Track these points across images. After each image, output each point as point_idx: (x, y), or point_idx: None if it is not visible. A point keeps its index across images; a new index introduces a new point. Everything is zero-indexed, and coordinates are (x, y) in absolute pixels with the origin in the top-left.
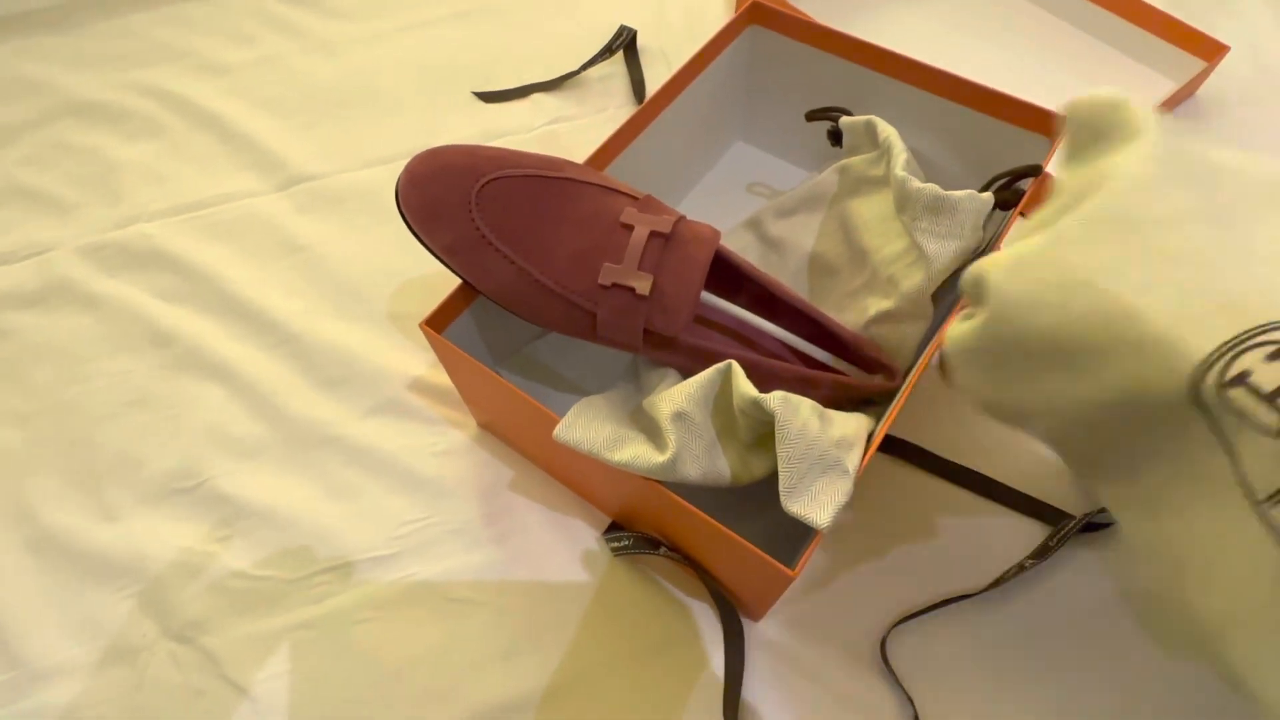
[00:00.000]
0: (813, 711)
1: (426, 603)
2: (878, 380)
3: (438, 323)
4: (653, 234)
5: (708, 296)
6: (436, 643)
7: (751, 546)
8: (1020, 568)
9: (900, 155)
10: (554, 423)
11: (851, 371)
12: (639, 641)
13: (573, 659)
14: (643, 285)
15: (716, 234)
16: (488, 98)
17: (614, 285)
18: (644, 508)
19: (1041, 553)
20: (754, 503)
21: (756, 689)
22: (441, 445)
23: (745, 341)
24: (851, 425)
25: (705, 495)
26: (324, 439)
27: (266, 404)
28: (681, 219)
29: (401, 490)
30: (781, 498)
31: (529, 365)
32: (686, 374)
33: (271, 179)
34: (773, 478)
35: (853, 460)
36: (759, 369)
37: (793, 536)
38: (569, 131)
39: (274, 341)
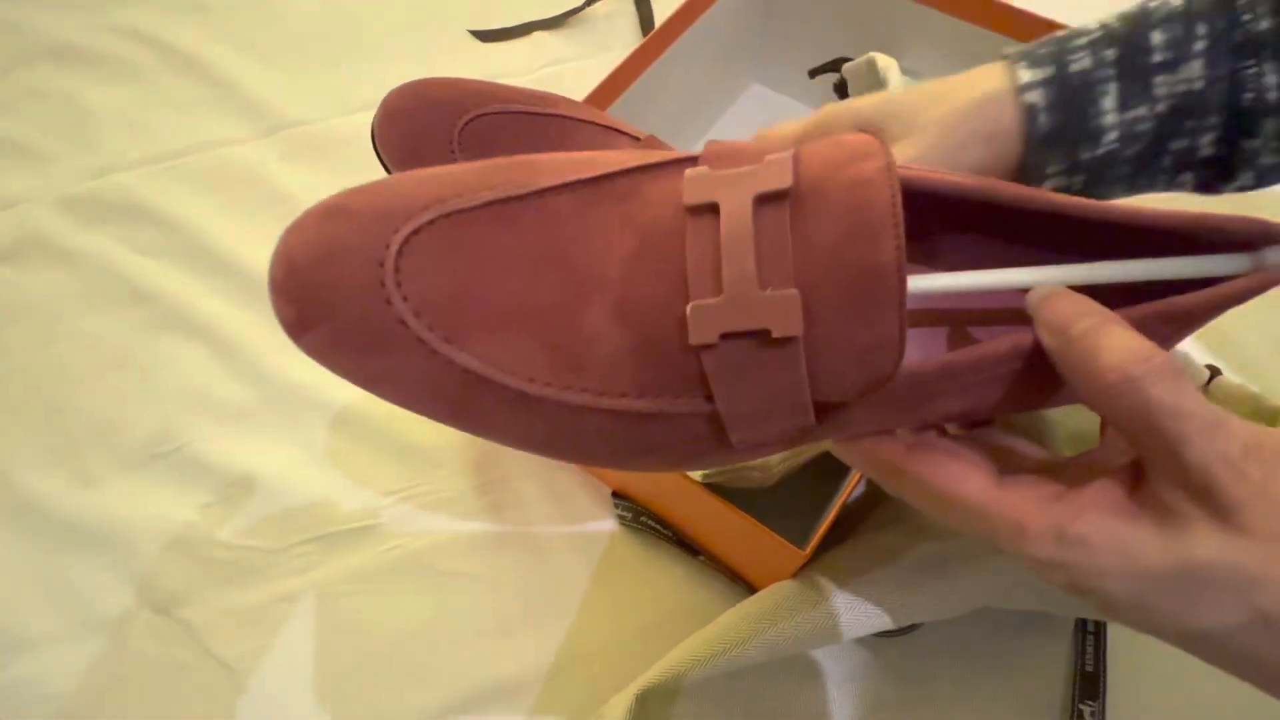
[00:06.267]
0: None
1: (415, 575)
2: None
3: None
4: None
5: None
6: (426, 617)
7: (762, 527)
8: None
9: (896, 78)
10: None
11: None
12: (644, 617)
13: (573, 636)
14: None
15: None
16: (484, 37)
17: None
18: (648, 485)
19: None
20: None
21: None
22: None
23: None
24: None
25: None
26: (309, 402)
27: (249, 365)
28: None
29: (390, 457)
30: None
31: None
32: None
33: (254, 125)
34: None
35: None
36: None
37: (799, 511)
38: (573, 73)
39: (258, 298)
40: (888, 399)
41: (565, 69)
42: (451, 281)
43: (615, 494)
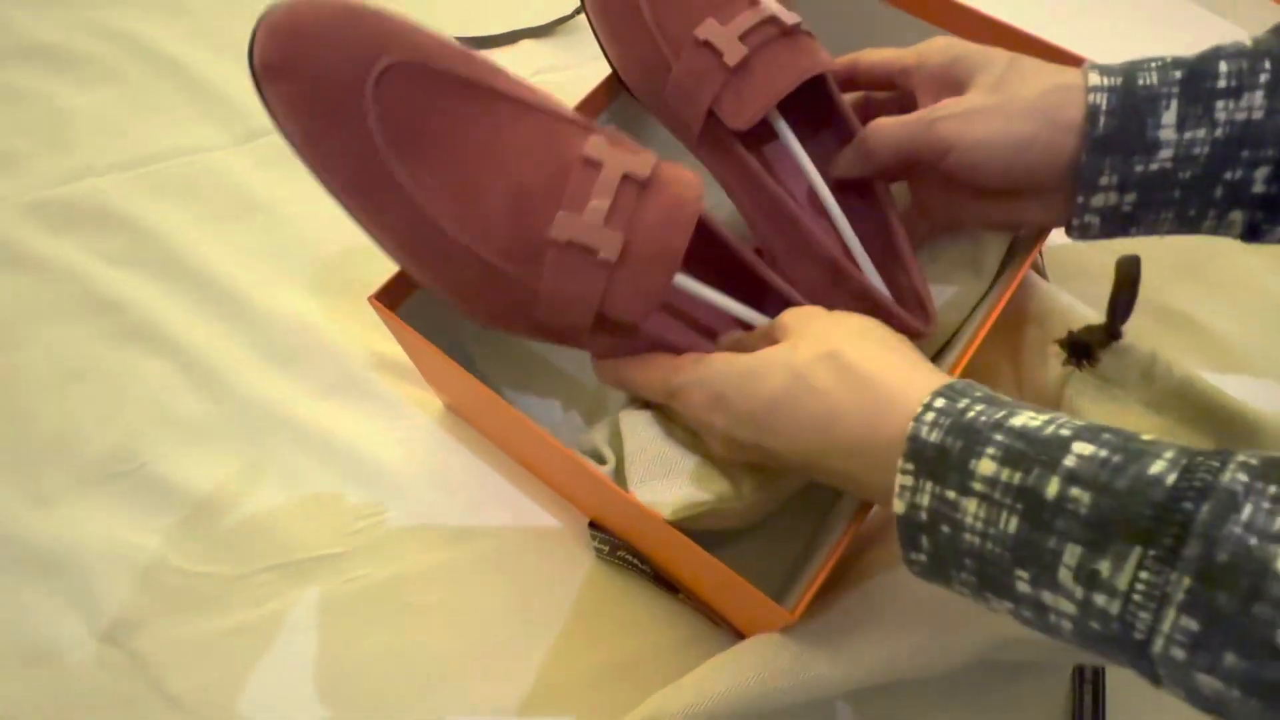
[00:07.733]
0: None
1: (382, 605)
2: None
3: (393, 296)
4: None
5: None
6: (390, 653)
7: (745, 582)
8: None
9: None
10: (519, 419)
11: None
12: (622, 653)
13: (546, 674)
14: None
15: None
16: (471, 44)
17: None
18: (623, 519)
19: None
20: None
21: None
22: (403, 430)
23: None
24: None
25: None
26: (274, 420)
27: (214, 380)
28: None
29: (357, 480)
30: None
31: (508, 341)
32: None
33: (233, 131)
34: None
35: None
36: None
37: (784, 553)
38: (562, 82)
39: (227, 311)
40: (630, 339)
41: (553, 78)
42: (410, 110)
43: (592, 524)
